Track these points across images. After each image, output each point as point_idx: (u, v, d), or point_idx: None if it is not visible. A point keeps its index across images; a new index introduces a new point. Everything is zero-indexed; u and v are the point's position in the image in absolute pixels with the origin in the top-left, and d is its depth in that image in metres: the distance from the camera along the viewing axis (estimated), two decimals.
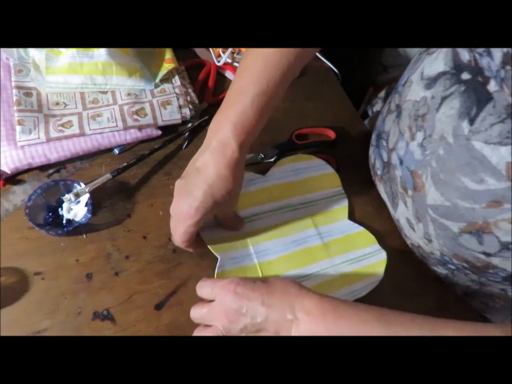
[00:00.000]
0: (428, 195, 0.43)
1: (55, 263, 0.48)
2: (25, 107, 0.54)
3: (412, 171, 0.45)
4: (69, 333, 0.44)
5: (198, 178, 0.44)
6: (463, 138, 0.38)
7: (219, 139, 0.44)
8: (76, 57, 0.56)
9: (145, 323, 0.46)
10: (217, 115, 0.46)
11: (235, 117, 0.43)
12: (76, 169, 0.55)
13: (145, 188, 0.55)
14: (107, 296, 0.47)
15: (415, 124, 0.44)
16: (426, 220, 0.45)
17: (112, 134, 0.56)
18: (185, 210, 0.43)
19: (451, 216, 0.42)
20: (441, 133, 0.40)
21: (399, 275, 0.55)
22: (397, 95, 0.49)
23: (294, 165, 0.59)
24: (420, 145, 0.43)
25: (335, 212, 0.57)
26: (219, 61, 0.68)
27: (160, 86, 0.61)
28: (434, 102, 0.41)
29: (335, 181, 0.60)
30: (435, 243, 0.47)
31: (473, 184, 0.38)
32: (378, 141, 0.53)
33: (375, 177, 0.56)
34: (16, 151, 0.51)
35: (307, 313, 0.37)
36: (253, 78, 0.44)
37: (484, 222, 0.39)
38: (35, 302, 0.45)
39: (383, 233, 0.57)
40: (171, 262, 0.50)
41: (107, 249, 0.50)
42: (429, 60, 0.44)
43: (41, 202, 0.50)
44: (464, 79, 0.38)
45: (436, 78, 0.42)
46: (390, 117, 0.50)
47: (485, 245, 0.41)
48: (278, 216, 0.55)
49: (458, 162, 0.39)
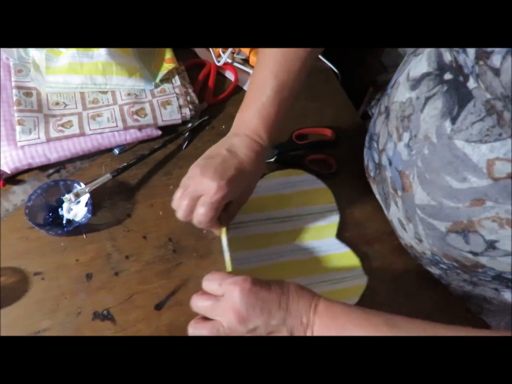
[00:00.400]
0: (415, 195, 0.44)
1: (55, 263, 0.48)
2: (25, 107, 0.54)
3: (400, 172, 0.45)
4: (69, 333, 0.44)
5: (230, 156, 0.45)
6: (446, 138, 0.38)
7: (249, 129, 0.46)
8: (76, 57, 0.56)
9: (145, 323, 0.46)
10: (243, 106, 0.48)
11: (261, 108, 0.46)
12: (76, 169, 0.55)
13: (145, 188, 0.55)
14: (107, 296, 0.47)
15: (402, 125, 0.44)
16: (416, 220, 0.46)
17: (112, 134, 0.56)
18: (214, 185, 0.42)
19: (437, 216, 0.42)
20: (425, 133, 0.41)
21: (397, 275, 0.55)
22: (386, 97, 0.50)
23: (284, 179, 0.58)
24: (407, 146, 0.43)
25: (323, 228, 0.56)
26: (219, 61, 0.68)
27: (160, 86, 0.61)
28: (418, 103, 0.42)
29: (328, 197, 0.58)
30: (425, 243, 0.47)
31: (457, 183, 0.39)
32: (370, 142, 0.54)
33: (369, 178, 0.56)
34: (16, 151, 0.51)
35: (319, 317, 0.37)
36: (274, 71, 0.47)
37: (468, 221, 0.40)
38: (35, 302, 0.45)
39: (382, 232, 0.57)
40: (171, 262, 0.50)
41: (107, 249, 0.50)
42: (414, 62, 0.45)
43: (41, 202, 0.50)
44: (446, 79, 0.39)
45: (420, 79, 0.42)
46: (380, 119, 0.50)
47: (471, 244, 0.41)
48: (263, 227, 0.54)
49: (442, 161, 0.39)
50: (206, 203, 0.42)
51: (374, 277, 0.54)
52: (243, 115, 0.48)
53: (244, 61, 0.70)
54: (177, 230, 0.52)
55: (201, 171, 0.43)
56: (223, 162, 0.44)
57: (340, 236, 0.56)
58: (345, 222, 0.58)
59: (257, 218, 0.55)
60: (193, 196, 0.43)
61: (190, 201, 0.43)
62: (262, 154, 0.46)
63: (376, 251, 0.56)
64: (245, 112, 0.48)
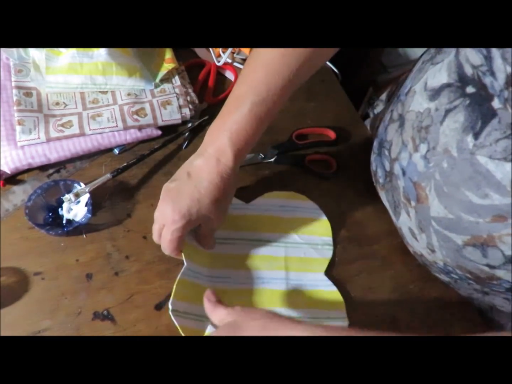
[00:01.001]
0: (431, 207, 0.43)
1: (55, 263, 0.48)
2: (25, 107, 0.54)
3: (415, 183, 0.44)
4: (69, 333, 0.44)
5: (188, 182, 0.43)
6: (467, 152, 0.38)
7: (215, 147, 0.43)
8: (76, 57, 0.56)
9: (145, 323, 0.46)
10: (215, 122, 0.45)
11: (232, 125, 0.43)
12: (76, 169, 0.55)
13: (145, 188, 0.55)
14: (107, 296, 0.47)
15: (419, 135, 0.43)
16: (429, 232, 0.45)
17: (112, 134, 0.56)
18: (170, 215, 0.42)
19: (454, 229, 0.42)
20: (445, 146, 0.40)
21: (397, 275, 0.55)
22: (400, 104, 0.49)
23: (283, 201, 0.56)
24: (424, 157, 0.42)
25: (314, 262, 0.53)
26: (219, 61, 0.68)
27: (160, 86, 0.61)
28: (438, 115, 0.41)
29: (326, 230, 0.55)
30: (438, 253, 0.46)
31: (477, 199, 0.38)
32: (380, 149, 0.52)
33: (377, 185, 0.55)
34: (16, 151, 0.51)
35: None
36: (252, 86, 0.44)
37: (488, 236, 0.39)
38: (35, 302, 0.45)
39: (382, 232, 0.57)
40: (171, 262, 0.50)
41: (107, 249, 0.50)
42: (432, 71, 0.43)
43: (41, 202, 0.50)
44: (469, 92, 0.38)
45: (440, 90, 0.41)
46: (393, 126, 0.49)
47: (489, 258, 0.40)
48: (251, 247, 0.52)
49: (462, 176, 0.39)
50: (166, 234, 0.43)
51: (374, 277, 0.54)
52: (213, 131, 0.45)
53: (244, 61, 0.70)
54: None
55: (162, 197, 0.44)
56: (179, 190, 0.43)
57: (339, 237, 0.56)
58: (345, 222, 0.58)
59: (246, 237, 0.52)
60: (160, 223, 0.44)
61: (158, 227, 0.45)
62: (227, 177, 0.44)
63: (376, 251, 0.56)
64: (215, 128, 0.45)
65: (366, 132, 0.68)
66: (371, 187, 0.60)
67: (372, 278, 0.54)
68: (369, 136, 0.67)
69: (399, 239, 0.57)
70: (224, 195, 0.44)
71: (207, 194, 0.43)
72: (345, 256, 0.55)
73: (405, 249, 0.56)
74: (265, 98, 0.43)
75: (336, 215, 0.58)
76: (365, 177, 0.61)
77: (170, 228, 0.43)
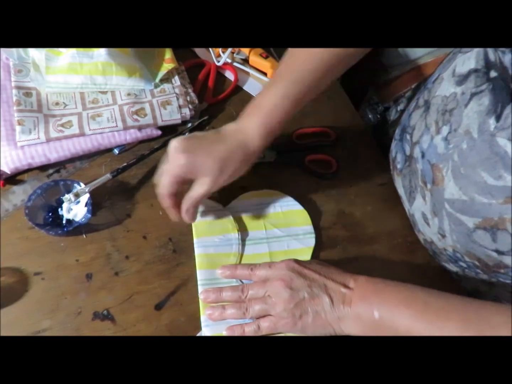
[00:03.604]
0: (446, 189, 0.44)
1: (55, 263, 0.48)
2: (25, 107, 0.54)
3: (433, 165, 0.45)
4: (69, 333, 0.44)
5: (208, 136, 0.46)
6: (488, 134, 0.39)
7: (245, 123, 0.46)
8: (76, 57, 0.56)
9: (145, 323, 0.46)
10: (256, 97, 0.48)
11: (266, 104, 0.46)
12: (76, 169, 0.55)
13: (145, 188, 0.55)
14: (107, 296, 0.47)
15: (442, 118, 0.44)
16: (442, 215, 0.46)
17: (112, 134, 0.56)
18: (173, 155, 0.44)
19: (467, 211, 0.42)
20: (466, 128, 0.41)
21: (397, 275, 0.55)
22: (427, 91, 0.50)
23: (259, 200, 0.56)
24: (444, 139, 0.44)
25: (298, 252, 0.53)
26: (219, 61, 0.68)
27: (160, 86, 0.61)
28: (463, 98, 0.42)
29: (305, 219, 0.56)
30: (448, 238, 0.47)
31: (492, 180, 0.39)
32: (402, 135, 0.54)
33: (394, 171, 0.56)
34: (16, 151, 0.51)
35: (359, 287, 0.42)
36: (289, 68, 0.47)
37: (499, 218, 0.40)
38: (35, 302, 0.45)
39: (382, 232, 0.57)
40: (171, 262, 0.50)
41: (107, 249, 0.50)
42: (462, 59, 0.45)
43: (41, 202, 0.50)
44: (492, 76, 0.39)
45: (467, 75, 0.42)
46: (418, 112, 0.50)
47: (498, 242, 0.41)
48: (233, 247, 0.52)
49: (480, 157, 0.39)
50: (164, 171, 0.45)
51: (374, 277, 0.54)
52: (250, 107, 0.48)
53: (244, 61, 0.70)
54: (177, 230, 0.52)
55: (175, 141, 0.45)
56: (196, 138, 0.45)
57: (339, 237, 0.56)
58: (345, 222, 0.58)
59: (227, 239, 0.52)
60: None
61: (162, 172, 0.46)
62: (246, 160, 0.47)
63: (376, 251, 0.56)
64: (253, 104, 0.48)
65: (366, 132, 0.68)
66: (371, 188, 0.61)
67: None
68: (369, 136, 0.67)
69: (399, 239, 0.57)
70: (234, 165, 0.46)
71: (220, 153, 0.45)
72: (345, 256, 0.55)
73: (405, 249, 0.56)
74: (297, 77, 0.46)
75: (336, 215, 0.58)
76: (365, 177, 0.61)
77: (170, 164, 0.45)
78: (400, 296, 0.41)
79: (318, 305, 0.42)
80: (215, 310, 0.45)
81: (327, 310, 0.42)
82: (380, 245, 0.56)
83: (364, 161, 0.63)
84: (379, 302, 0.40)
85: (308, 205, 0.57)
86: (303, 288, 0.43)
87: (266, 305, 0.43)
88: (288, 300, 0.42)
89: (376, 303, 0.40)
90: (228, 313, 0.45)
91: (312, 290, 0.42)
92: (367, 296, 0.41)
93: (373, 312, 0.40)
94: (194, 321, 0.46)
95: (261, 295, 0.45)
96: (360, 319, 0.41)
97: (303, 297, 0.42)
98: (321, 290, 0.42)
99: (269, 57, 0.69)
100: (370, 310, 0.40)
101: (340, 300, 0.42)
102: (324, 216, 0.57)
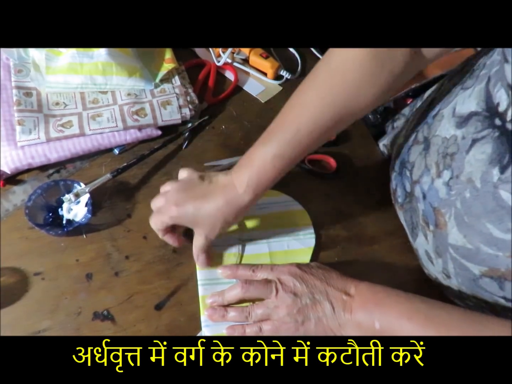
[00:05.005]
0: (450, 234, 0.42)
1: (55, 263, 0.48)
2: (25, 107, 0.54)
3: (435, 208, 0.44)
4: (69, 333, 0.44)
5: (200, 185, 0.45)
6: (491, 185, 0.37)
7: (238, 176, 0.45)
8: (76, 57, 0.56)
9: (145, 323, 0.46)
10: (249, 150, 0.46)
11: (257, 162, 0.44)
12: (76, 169, 0.55)
13: (145, 188, 0.55)
14: (107, 296, 0.47)
15: (443, 161, 0.43)
16: (446, 257, 0.44)
17: (112, 134, 0.56)
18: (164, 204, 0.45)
19: (472, 259, 0.41)
20: (469, 176, 0.39)
21: (397, 275, 0.55)
22: (426, 126, 0.48)
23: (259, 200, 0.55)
24: (446, 184, 0.42)
25: (298, 252, 0.53)
26: (219, 61, 0.68)
27: (160, 86, 0.61)
28: (464, 143, 0.40)
29: (305, 219, 0.56)
30: (453, 280, 0.45)
31: (499, 232, 0.37)
32: (401, 169, 0.52)
33: (395, 203, 0.55)
34: (16, 151, 0.51)
35: (360, 295, 0.42)
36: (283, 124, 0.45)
37: (507, 270, 0.38)
38: (35, 302, 0.45)
39: (382, 232, 0.57)
40: (171, 262, 0.50)
41: (107, 249, 0.50)
42: (462, 96, 0.43)
43: (41, 202, 0.50)
44: (498, 124, 0.37)
45: (468, 118, 0.41)
46: (417, 148, 0.49)
47: (506, 291, 0.40)
48: (234, 247, 0.52)
49: (485, 208, 0.38)
50: (155, 213, 0.47)
51: (374, 277, 0.54)
52: (243, 160, 0.46)
53: (244, 61, 0.71)
54: None
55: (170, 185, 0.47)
56: (189, 190, 0.45)
57: (339, 237, 0.56)
58: (345, 222, 0.57)
59: (228, 241, 0.52)
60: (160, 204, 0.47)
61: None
62: (237, 207, 0.45)
63: (376, 251, 0.56)
64: (246, 157, 0.46)
65: (366, 132, 0.68)
66: (371, 188, 0.60)
67: (372, 278, 0.54)
68: (370, 135, 0.67)
69: (399, 239, 0.57)
70: (224, 220, 0.45)
71: (209, 211, 0.44)
72: (345, 256, 0.55)
73: (405, 249, 0.56)
74: (292, 138, 0.44)
75: (336, 215, 0.58)
76: (364, 178, 0.61)
77: (163, 212, 0.45)
78: (402, 308, 0.40)
79: (320, 311, 0.42)
80: (217, 311, 0.45)
81: (329, 316, 0.42)
82: (380, 246, 0.56)
83: (364, 161, 0.63)
84: (380, 313, 0.40)
85: (308, 205, 0.57)
86: (305, 294, 0.43)
87: (268, 309, 0.43)
88: (291, 305, 0.42)
89: (377, 314, 0.40)
90: (231, 316, 0.45)
91: (314, 296, 0.43)
92: (368, 306, 0.41)
93: (374, 322, 0.39)
94: (194, 321, 0.46)
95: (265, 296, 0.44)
96: (361, 327, 0.41)
97: (306, 303, 0.42)
98: (322, 297, 0.42)
99: (269, 57, 0.69)
100: (371, 320, 0.40)
101: (341, 307, 0.42)
102: (324, 216, 0.57)
